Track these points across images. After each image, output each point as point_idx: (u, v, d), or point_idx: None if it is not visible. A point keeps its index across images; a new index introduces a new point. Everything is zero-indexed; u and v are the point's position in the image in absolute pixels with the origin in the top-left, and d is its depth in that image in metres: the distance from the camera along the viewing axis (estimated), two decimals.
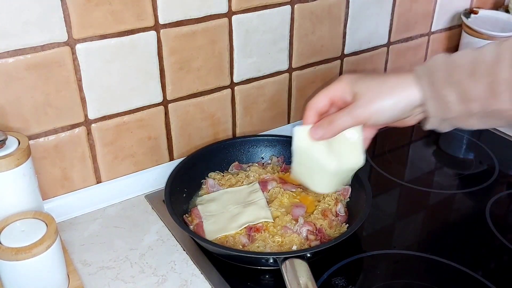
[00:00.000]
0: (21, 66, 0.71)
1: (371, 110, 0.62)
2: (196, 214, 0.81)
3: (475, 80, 0.58)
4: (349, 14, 1.00)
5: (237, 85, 0.93)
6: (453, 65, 0.59)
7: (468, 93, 0.58)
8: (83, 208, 0.85)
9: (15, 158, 0.66)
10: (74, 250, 0.77)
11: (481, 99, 0.58)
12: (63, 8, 0.71)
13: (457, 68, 0.59)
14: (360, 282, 0.74)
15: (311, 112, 0.67)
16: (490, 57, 0.57)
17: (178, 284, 0.72)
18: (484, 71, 0.57)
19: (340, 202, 0.83)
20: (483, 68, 0.57)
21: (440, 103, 0.60)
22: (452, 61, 0.60)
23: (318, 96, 0.66)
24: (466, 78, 0.58)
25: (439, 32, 1.18)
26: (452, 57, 0.60)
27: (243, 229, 0.77)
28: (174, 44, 0.82)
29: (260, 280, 0.74)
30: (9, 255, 0.60)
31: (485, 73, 0.57)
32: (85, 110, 0.79)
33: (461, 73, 0.58)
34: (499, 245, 0.80)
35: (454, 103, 0.59)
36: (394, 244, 0.81)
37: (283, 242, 0.75)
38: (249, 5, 0.87)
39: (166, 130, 0.89)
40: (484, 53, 0.58)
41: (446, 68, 0.59)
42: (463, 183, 0.97)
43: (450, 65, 0.59)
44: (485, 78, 0.57)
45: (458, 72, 0.59)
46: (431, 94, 0.60)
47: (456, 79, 0.59)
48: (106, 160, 0.85)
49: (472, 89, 0.58)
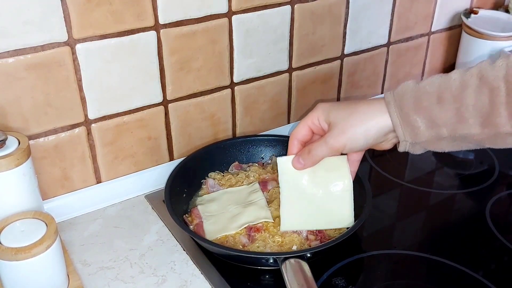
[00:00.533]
0: (21, 66, 0.71)
1: (345, 139, 0.65)
2: (196, 214, 0.81)
3: (442, 106, 0.60)
4: (349, 14, 1.00)
5: (237, 85, 0.93)
6: (420, 92, 0.61)
7: (436, 119, 0.61)
8: (83, 208, 0.85)
9: (15, 158, 0.66)
10: (74, 250, 0.77)
11: (449, 124, 0.60)
12: (63, 8, 0.71)
13: (425, 95, 0.61)
14: (360, 282, 0.74)
15: (294, 142, 0.71)
16: (456, 84, 0.60)
17: (178, 284, 0.72)
18: (451, 98, 0.60)
19: None
20: (449, 95, 0.60)
21: (409, 129, 0.62)
22: (420, 88, 0.62)
23: (298, 127, 0.70)
24: (433, 105, 0.60)
25: (439, 32, 1.18)
26: (421, 84, 0.62)
27: (243, 229, 0.77)
28: (174, 44, 0.82)
29: (260, 280, 0.74)
30: (9, 255, 0.60)
31: (451, 99, 0.59)
32: (85, 110, 0.79)
33: (428, 100, 0.61)
34: (499, 245, 0.80)
35: (423, 129, 0.62)
36: (394, 244, 0.81)
37: (283, 242, 0.75)
38: (249, 5, 0.87)
39: (166, 130, 0.89)
40: (450, 80, 0.60)
41: (414, 95, 0.62)
42: (463, 183, 0.97)
43: (418, 92, 0.62)
44: (452, 105, 0.59)
45: (426, 99, 0.61)
46: (400, 120, 0.62)
47: (424, 106, 0.61)
48: (106, 160, 0.85)
49: (439, 115, 0.60)
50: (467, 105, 0.59)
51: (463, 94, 0.59)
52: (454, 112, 0.60)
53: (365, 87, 1.12)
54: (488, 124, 0.58)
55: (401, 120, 0.62)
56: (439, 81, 0.61)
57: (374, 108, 0.63)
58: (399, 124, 0.62)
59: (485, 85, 0.58)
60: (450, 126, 0.60)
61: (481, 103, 0.58)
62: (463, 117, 0.59)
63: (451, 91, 0.60)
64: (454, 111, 0.60)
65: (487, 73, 0.58)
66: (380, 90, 1.15)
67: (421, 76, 1.21)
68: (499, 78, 0.57)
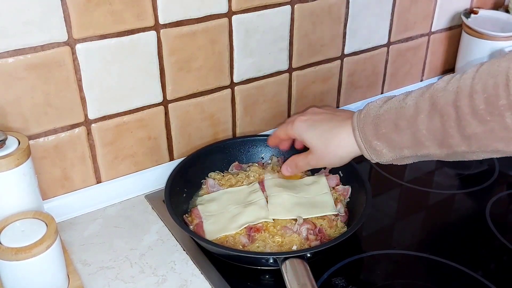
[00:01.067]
0: (21, 66, 0.71)
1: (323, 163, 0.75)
2: (196, 214, 0.81)
3: (399, 132, 0.64)
4: (349, 14, 1.00)
5: (237, 85, 0.93)
6: (379, 120, 0.66)
7: (396, 143, 0.65)
8: (83, 208, 0.85)
9: (15, 158, 0.66)
10: (74, 250, 0.77)
11: (408, 147, 0.65)
12: (63, 8, 0.71)
13: (383, 122, 0.66)
14: (360, 282, 0.74)
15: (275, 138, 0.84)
16: (411, 111, 0.63)
17: (178, 284, 0.72)
18: (406, 124, 0.64)
19: (340, 202, 0.83)
20: (404, 121, 0.64)
21: (373, 152, 0.68)
22: (379, 115, 0.67)
23: (279, 132, 0.81)
24: (391, 131, 0.65)
25: (439, 32, 1.18)
26: (380, 110, 0.67)
27: (243, 229, 0.77)
28: (174, 44, 0.82)
29: (260, 280, 0.74)
30: (9, 255, 0.60)
31: (406, 125, 0.64)
32: (85, 110, 0.79)
33: (386, 127, 0.66)
34: (499, 245, 0.80)
35: (386, 152, 0.67)
36: (394, 244, 0.81)
37: (283, 242, 0.75)
38: (249, 5, 0.87)
39: (166, 130, 0.89)
40: (406, 106, 0.64)
41: (374, 122, 0.67)
42: (463, 183, 0.97)
43: (377, 119, 0.67)
44: (408, 130, 0.64)
45: (384, 126, 0.66)
46: (364, 145, 0.68)
47: (383, 133, 0.66)
48: (106, 160, 0.85)
49: (398, 140, 0.65)
50: (421, 130, 0.62)
51: (417, 120, 0.62)
52: (410, 136, 0.64)
53: (365, 87, 1.12)
54: (444, 145, 0.62)
55: (365, 145, 0.68)
56: (396, 107, 0.65)
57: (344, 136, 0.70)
58: (364, 148, 0.68)
59: (436, 110, 0.61)
60: (410, 148, 0.65)
61: (434, 127, 0.61)
62: (420, 141, 0.63)
63: (405, 116, 0.64)
64: (410, 135, 0.63)
65: (438, 99, 0.61)
66: (380, 90, 1.16)
67: (421, 76, 1.21)
68: (449, 104, 0.59)
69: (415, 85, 1.20)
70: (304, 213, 0.79)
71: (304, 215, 0.79)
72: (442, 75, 1.24)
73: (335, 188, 0.86)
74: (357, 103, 1.12)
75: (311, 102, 1.05)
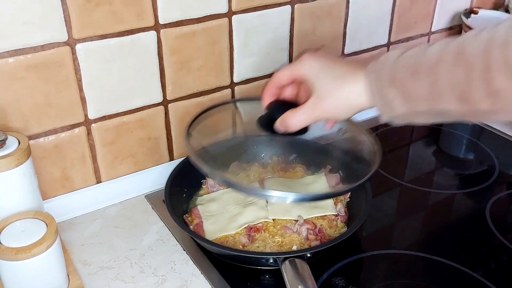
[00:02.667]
0: (21, 66, 0.71)
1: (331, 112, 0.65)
2: (196, 214, 0.81)
3: (417, 79, 0.57)
4: (349, 14, 1.00)
5: (237, 85, 0.93)
6: (398, 64, 0.59)
7: (411, 93, 0.58)
8: (83, 208, 0.85)
9: (15, 158, 0.66)
10: (74, 250, 0.77)
11: (424, 99, 0.58)
12: (63, 8, 0.71)
13: (401, 67, 0.59)
14: (360, 282, 0.74)
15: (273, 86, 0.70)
16: (433, 57, 0.57)
17: (178, 284, 0.72)
18: (425, 71, 0.57)
19: (340, 202, 0.83)
20: (424, 68, 0.57)
21: (384, 102, 0.60)
22: (399, 60, 0.59)
23: (282, 73, 0.68)
24: (408, 78, 0.58)
25: (439, 32, 1.18)
26: (401, 56, 0.60)
27: (243, 229, 0.77)
28: (174, 44, 0.82)
29: (260, 280, 0.74)
30: (9, 255, 0.60)
31: (426, 72, 0.57)
32: (85, 110, 0.79)
33: (403, 72, 0.58)
34: (499, 245, 0.80)
35: (398, 103, 0.59)
36: (394, 244, 0.81)
37: (283, 242, 0.75)
38: (249, 5, 0.87)
39: (166, 130, 0.89)
40: (428, 52, 0.57)
41: (391, 67, 0.59)
42: (463, 183, 0.97)
43: (396, 64, 0.59)
44: (426, 78, 0.57)
45: (401, 71, 0.58)
46: (376, 93, 0.60)
47: (398, 79, 0.58)
48: (106, 160, 0.85)
49: (414, 89, 0.58)
50: (442, 80, 0.56)
51: (438, 68, 0.56)
52: (428, 86, 0.57)
53: None
54: (464, 100, 0.55)
55: (377, 92, 0.61)
56: (418, 53, 0.58)
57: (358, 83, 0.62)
58: (375, 97, 0.61)
59: (462, 59, 0.54)
60: (427, 101, 0.58)
61: (457, 78, 0.55)
62: (438, 92, 0.56)
63: (426, 64, 0.57)
64: (429, 84, 0.57)
65: (466, 47, 0.55)
66: None
67: None
68: (478, 52, 0.53)
69: None
70: (304, 213, 0.79)
71: (304, 215, 0.79)
72: None
73: (335, 187, 0.86)
74: None
75: None
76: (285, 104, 0.69)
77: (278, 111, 0.68)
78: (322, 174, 0.88)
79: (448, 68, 0.55)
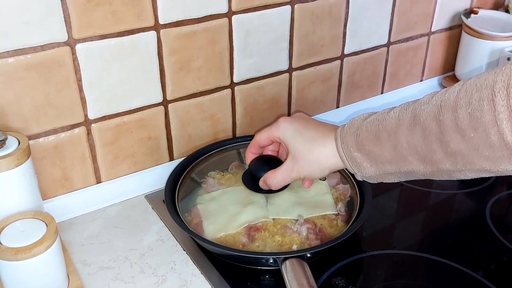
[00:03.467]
0: (21, 66, 0.71)
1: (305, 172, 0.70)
2: (196, 214, 0.81)
3: (380, 143, 0.62)
4: (349, 14, 1.00)
5: (237, 85, 0.93)
6: (362, 130, 0.64)
7: (376, 156, 0.63)
8: (83, 208, 0.85)
9: (15, 158, 0.66)
10: (74, 250, 0.77)
11: (390, 162, 0.62)
12: (63, 8, 0.71)
13: (364, 133, 0.63)
14: (360, 282, 0.74)
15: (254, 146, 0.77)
16: (393, 122, 0.61)
17: (178, 284, 0.72)
18: (386, 136, 0.61)
19: (341, 202, 0.83)
20: (385, 133, 0.61)
21: (355, 164, 0.65)
22: (363, 126, 0.64)
23: (261, 135, 0.75)
24: (372, 142, 0.62)
25: (439, 32, 1.18)
26: (365, 121, 0.64)
27: (243, 229, 0.77)
28: (174, 44, 0.82)
29: (260, 280, 0.74)
30: (9, 255, 0.60)
31: (387, 137, 0.61)
32: (85, 110, 0.79)
33: (367, 139, 0.63)
34: (499, 245, 0.80)
35: (366, 165, 0.64)
36: (394, 244, 0.81)
37: (283, 241, 0.75)
38: (249, 5, 0.87)
39: (166, 130, 0.89)
40: (388, 117, 0.61)
41: (356, 133, 0.64)
42: (463, 183, 0.97)
43: (360, 130, 0.64)
44: (388, 142, 0.61)
45: (365, 137, 0.63)
46: (345, 157, 0.65)
47: (363, 144, 0.63)
48: (106, 160, 0.85)
49: (378, 152, 0.62)
50: (402, 143, 0.60)
51: (397, 132, 0.60)
52: (391, 149, 0.61)
53: (365, 87, 1.12)
54: (427, 161, 0.59)
55: (346, 156, 0.65)
56: (379, 119, 0.63)
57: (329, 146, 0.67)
58: (346, 160, 0.66)
59: (417, 123, 0.58)
60: (393, 163, 0.62)
61: (415, 141, 0.58)
62: (401, 155, 0.60)
63: (387, 128, 0.61)
64: (391, 148, 0.61)
65: (420, 112, 0.58)
66: (380, 90, 1.16)
67: (421, 76, 1.21)
68: (431, 117, 0.56)
69: (415, 85, 1.20)
70: (304, 212, 0.79)
71: (305, 215, 0.79)
72: (442, 75, 1.24)
73: (336, 187, 0.86)
74: (357, 103, 1.12)
75: (311, 102, 1.05)
76: (266, 160, 0.77)
77: (259, 170, 0.76)
78: None
79: (406, 132, 0.59)
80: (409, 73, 1.18)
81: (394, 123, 0.60)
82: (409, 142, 0.59)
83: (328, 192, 0.84)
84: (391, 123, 0.61)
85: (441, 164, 0.59)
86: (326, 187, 0.85)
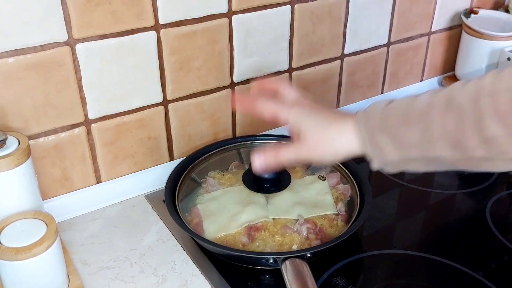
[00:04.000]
0: (21, 66, 0.71)
1: (316, 155, 0.65)
2: (196, 214, 0.81)
3: (408, 126, 0.58)
4: (349, 14, 1.00)
5: (237, 85, 0.93)
6: (388, 112, 0.60)
7: (403, 140, 0.59)
8: (83, 208, 0.85)
9: (15, 158, 0.66)
10: (74, 250, 0.77)
11: (417, 146, 0.58)
12: (63, 8, 0.71)
13: (391, 115, 0.59)
14: (360, 282, 0.74)
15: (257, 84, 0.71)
16: (423, 105, 0.58)
17: (178, 284, 0.72)
18: (417, 118, 0.57)
19: (341, 201, 0.83)
20: (415, 115, 0.58)
21: (375, 149, 0.60)
22: (389, 108, 0.60)
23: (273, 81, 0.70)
24: (399, 125, 0.59)
25: (439, 32, 1.18)
26: (390, 104, 0.61)
27: (243, 228, 0.77)
28: (174, 44, 0.82)
29: (260, 280, 0.74)
30: (9, 255, 0.60)
31: (417, 119, 0.57)
32: (85, 110, 0.79)
33: (394, 120, 0.59)
34: (499, 245, 0.80)
35: (390, 149, 0.59)
36: (394, 244, 0.81)
37: (284, 241, 0.75)
38: (249, 5, 0.87)
39: (166, 130, 0.89)
40: (419, 100, 0.58)
41: (381, 115, 0.60)
42: (463, 183, 0.97)
43: (386, 112, 0.60)
44: (418, 124, 0.57)
45: (392, 118, 0.59)
46: (368, 140, 0.60)
47: (389, 125, 0.59)
48: (106, 160, 0.85)
49: (405, 136, 0.58)
50: (434, 127, 0.56)
51: (429, 115, 0.57)
52: (420, 132, 0.58)
53: (365, 87, 1.12)
54: (458, 146, 0.56)
55: (369, 139, 0.61)
56: (408, 101, 0.59)
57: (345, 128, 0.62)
58: (367, 144, 0.61)
59: (452, 107, 0.55)
60: (419, 148, 0.58)
61: (448, 125, 0.56)
62: (431, 138, 0.57)
63: (417, 111, 0.58)
64: (421, 130, 0.57)
65: (455, 96, 0.56)
66: (380, 90, 1.16)
67: (421, 76, 1.21)
68: (468, 101, 0.54)
69: (415, 85, 1.20)
70: (304, 212, 0.79)
71: (305, 214, 0.79)
72: (442, 75, 1.24)
73: (336, 187, 0.86)
74: (357, 103, 1.12)
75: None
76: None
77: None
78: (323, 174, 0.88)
79: (439, 115, 0.56)
80: (409, 73, 1.18)
81: (425, 105, 0.57)
82: (442, 126, 0.56)
83: (328, 192, 0.84)
84: (421, 105, 0.57)
85: (473, 151, 0.55)
86: (326, 187, 0.85)
